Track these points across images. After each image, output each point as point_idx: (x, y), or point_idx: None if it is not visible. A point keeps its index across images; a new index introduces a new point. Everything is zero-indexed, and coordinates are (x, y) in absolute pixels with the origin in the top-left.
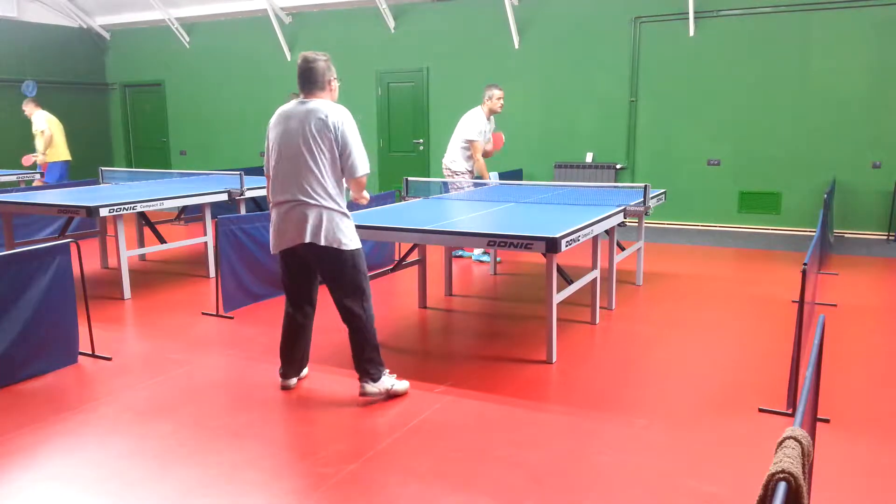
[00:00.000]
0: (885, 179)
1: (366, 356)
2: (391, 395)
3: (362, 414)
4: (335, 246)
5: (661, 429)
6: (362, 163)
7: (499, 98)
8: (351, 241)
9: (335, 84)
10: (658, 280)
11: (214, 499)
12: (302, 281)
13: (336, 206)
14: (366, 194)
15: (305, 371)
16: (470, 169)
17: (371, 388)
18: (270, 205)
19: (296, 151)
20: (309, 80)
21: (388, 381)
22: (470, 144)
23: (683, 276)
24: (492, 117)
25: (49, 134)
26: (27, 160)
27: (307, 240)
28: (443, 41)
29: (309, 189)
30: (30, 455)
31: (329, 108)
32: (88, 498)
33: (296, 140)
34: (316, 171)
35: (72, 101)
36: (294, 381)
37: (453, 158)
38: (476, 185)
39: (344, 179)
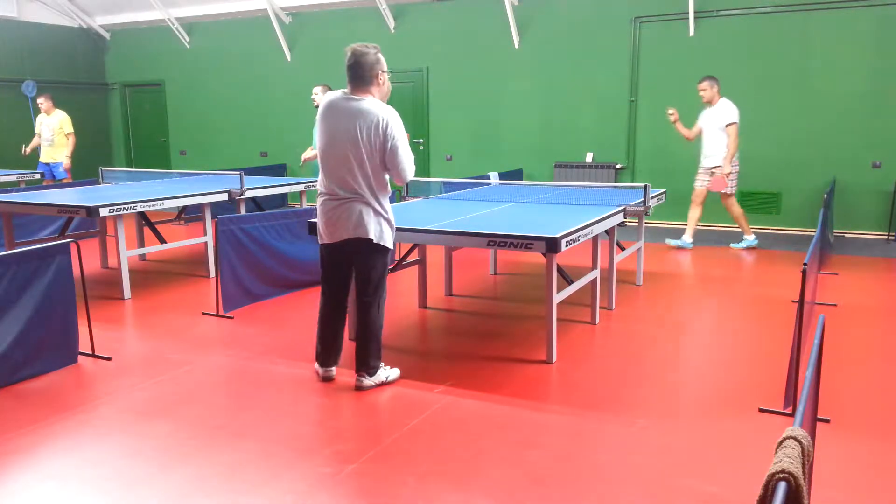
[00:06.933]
0: (885, 179)
1: (370, 351)
2: (384, 384)
3: (362, 414)
4: (381, 243)
5: (662, 428)
6: (410, 166)
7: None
8: (390, 240)
9: (384, 77)
10: (658, 280)
11: (214, 499)
12: (341, 273)
13: (380, 208)
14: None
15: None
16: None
17: (368, 381)
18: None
19: (344, 150)
20: (357, 76)
21: (383, 373)
22: (732, 128)
23: (683, 276)
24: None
25: (74, 138)
26: (67, 164)
27: (357, 234)
28: (443, 41)
29: (358, 188)
30: (30, 455)
31: (379, 109)
32: (88, 498)
33: (344, 139)
34: (366, 173)
35: (72, 101)
36: (334, 370)
37: (718, 152)
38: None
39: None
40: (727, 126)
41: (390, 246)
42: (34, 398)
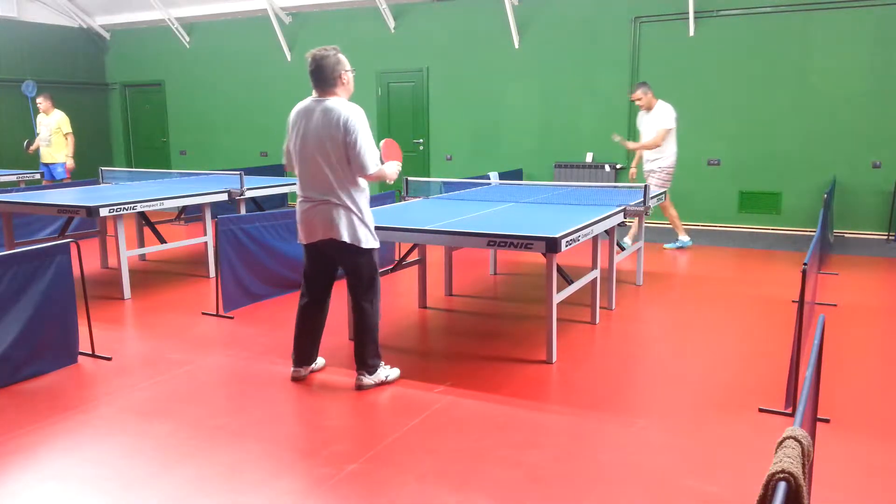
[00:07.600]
0: (885, 179)
1: (368, 350)
2: (385, 384)
3: (362, 414)
4: (356, 244)
5: (661, 429)
6: (372, 159)
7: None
8: (368, 240)
9: (347, 76)
10: (658, 280)
11: (214, 499)
12: (322, 273)
13: (353, 207)
14: (394, 170)
15: (322, 362)
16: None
17: (368, 380)
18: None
19: (313, 152)
20: (320, 79)
21: (383, 372)
22: (663, 132)
23: (683, 276)
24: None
25: (73, 138)
26: (70, 165)
27: (330, 236)
28: (443, 41)
29: (328, 189)
30: (30, 455)
31: (342, 107)
32: (88, 498)
33: (312, 141)
34: (333, 172)
35: (72, 101)
36: (304, 371)
37: (661, 153)
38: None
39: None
40: (663, 130)
41: (368, 245)
42: (34, 398)
